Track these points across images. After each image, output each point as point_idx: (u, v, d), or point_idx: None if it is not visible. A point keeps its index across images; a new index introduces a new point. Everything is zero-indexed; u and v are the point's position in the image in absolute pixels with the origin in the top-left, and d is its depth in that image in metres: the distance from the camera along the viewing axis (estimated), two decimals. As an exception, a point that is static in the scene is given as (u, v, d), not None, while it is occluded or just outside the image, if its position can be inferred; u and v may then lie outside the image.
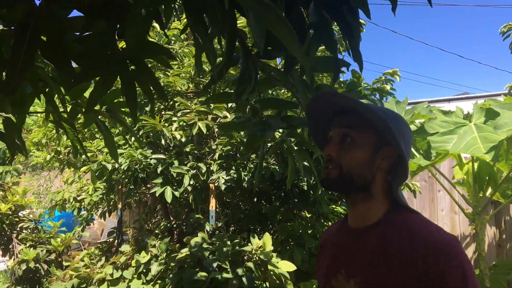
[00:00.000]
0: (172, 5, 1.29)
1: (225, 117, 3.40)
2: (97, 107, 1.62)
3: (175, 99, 3.46)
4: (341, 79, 3.73)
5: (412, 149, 3.21)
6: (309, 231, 3.74)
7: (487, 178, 2.85)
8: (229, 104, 3.36)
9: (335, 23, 1.20)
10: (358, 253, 1.08)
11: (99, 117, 1.59)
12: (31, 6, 1.10)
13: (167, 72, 3.57)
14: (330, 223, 3.92)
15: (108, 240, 4.49)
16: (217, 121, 3.55)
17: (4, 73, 1.34)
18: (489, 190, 3.03)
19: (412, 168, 3.03)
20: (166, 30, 3.74)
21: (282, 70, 1.52)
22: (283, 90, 3.37)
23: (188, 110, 3.34)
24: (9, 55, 1.15)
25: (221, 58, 1.67)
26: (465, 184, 3.24)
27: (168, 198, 3.31)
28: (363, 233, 1.09)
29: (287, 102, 1.70)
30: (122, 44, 1.31)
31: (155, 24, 3.54)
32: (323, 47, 2.93)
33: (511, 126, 2.29)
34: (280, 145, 1.80)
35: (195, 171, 3.38)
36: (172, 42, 3.73)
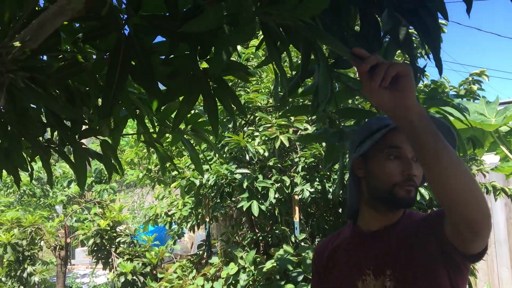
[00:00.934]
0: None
1: (306, 129, 3.42)
2: (182, 126, 1.72)
3: (256, 114, 3.55)
4: (422, 85, 3.62)
5: (505, 151, 3.01)
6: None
7: None
8: (310, 116, 3.38)
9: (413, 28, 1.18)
10: (382, 250, 1.16)
11: (185, 136, 1.68)
12: (121, 35, 1.21)
13: (247, 89, 3.68)
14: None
15: (198, 252, 4.66)
16: (298, 133, 3.58)
17: (100, 99, 1.47)
18: None
19: (505, 172, 2.84)
20: (245, 49, 3.85)
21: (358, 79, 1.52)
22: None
23: (269, 125, 3.41)
24: (104, 82, 1.27)
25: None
26: None
27: (255, 212, 3.39)
28: (383, 233, 1.18)
29: (365, 111, 1.69)
30: (203, 65, 1.39)
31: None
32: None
33: None
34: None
35: (279, 184, 3.43)
36: (251, 58, 3.84)
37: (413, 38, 2.63)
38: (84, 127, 1.61)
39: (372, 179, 1.17)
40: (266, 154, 3.44)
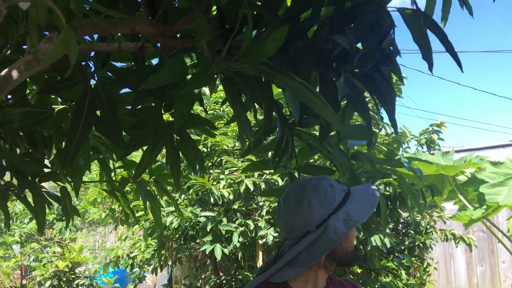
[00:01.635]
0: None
1: (271, 172, 3.46)
2: (146, 177, 1.73)
3: (222, 158, 3.57)
4: (383, 133, 3.74)
5: (463, 200, 3.12)
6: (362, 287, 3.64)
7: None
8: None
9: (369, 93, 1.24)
10: None
11: (147, 188, 1.69)
12: (87, 87, 1.23)
13: (214, 132, 3.71)
14: (382, 279, 3.81)
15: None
16: (263, 177, 3.61)
17: (63, 146, 1.47)
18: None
19: (463, 221, 2.93)
20: (213, 93, 3.90)
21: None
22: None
23: (235, 168, 3.44)
24: (67, 130, 1.28)
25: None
26: (523, 238, 3.09)
27: (218, 255, 3.36)
28: None
29: (324, 168, 1.74)
30: (167, 117, 1.42)
31: (204, 89, 3.72)
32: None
33: None
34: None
35: (243, 228, 3.43)
36: (220, 102, 3.89)
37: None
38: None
39: (347, 243, 1.20)
40: (231, 197, 3.45)
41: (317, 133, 1.37)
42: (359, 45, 1.21)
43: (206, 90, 3.80)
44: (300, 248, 1.14)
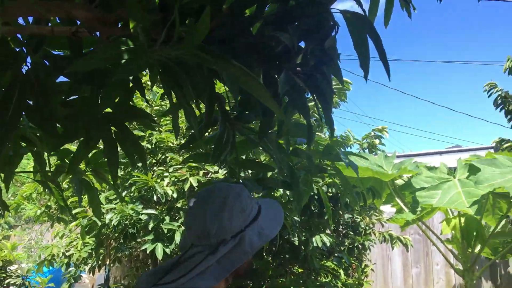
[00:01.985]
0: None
1: (216, 172, 3.44)
2: (83, 167, 1.67)
3: (167, 155, 3.51)
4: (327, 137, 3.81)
5: (400, 203, 3.23)
6: (301, 287, 3.69)
7: (474, 233, 2.86)
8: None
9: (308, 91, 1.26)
10: None
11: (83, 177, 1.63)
12: (18, 72, 1.17)
13: (160, 129, 3.65)
14: (321, 279, 3.88)
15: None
16: (208, 176, 3.58)
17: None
18: (478, 246, 3.03)
19: (400, 223, 3.04)
20: (154, 88, 3.84)
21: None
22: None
23: (179, 166, 3.39)
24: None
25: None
26: (454, 241, 3.24)
27: (159, 255, 3.29)
28: None
29: (263, 164, 1.75)
30: (108, 109, 1.37)
31: (150, 83, 3.65)
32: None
33: (491, 182, 2.33)
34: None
35: (185, 226, 3.38)
36: (166, 97, 3.83)
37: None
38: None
39: (250, 257, 1.13)
40: (175, 195, 3.39)
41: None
42: (302, 44, 1.23)
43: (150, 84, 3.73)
44: (215, 258, 1.06)
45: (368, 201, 3.41)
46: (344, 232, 4.23)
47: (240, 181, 1.48)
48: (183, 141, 3.61)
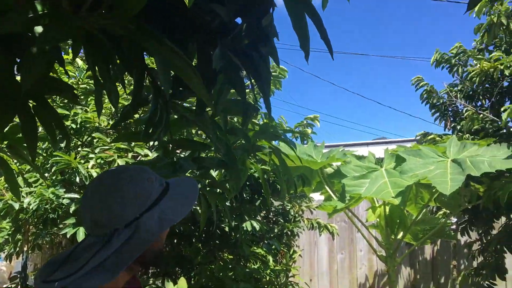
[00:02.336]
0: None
1: (146, 155, 3.31)
2: (-2, 143, 1.52)
3: (93, 135, 3.33)
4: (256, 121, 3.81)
5: (329, 191, 3.30)
6: (230, 274, 3.67)
7: (398, 221, 2.98)
8: (151, 142, 3.29)
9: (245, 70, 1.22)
10: None
11: (-2, 153, 1.49)
12: None
13: (86, 108, 3.45)
14: (250, 265, 3.89)
15: (10, 286, 4.13)
16: (138, 158, 3.45)
17: None
18: (401, 233, 3.17)
19: (328, 210, 3.10)
20: (81, 64, 3.64)
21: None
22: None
23: (107, 147, 3.23)
24: None
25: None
26: (378, 227, 3.37)
27: (80, 239, 3.13)
28: None
29: (199, 143, 1.69)
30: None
31: (78, 60, 3.45)
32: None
33: (415, 172, 2.43)
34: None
35: (111, 210, 3.24)
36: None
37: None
38: None
39: (157, 243, 1.08)
40: (101, 178, 3.23)
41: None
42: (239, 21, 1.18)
43: (78, 61, 3.52)
44: (110, 251, 0.97)
45: (298, 189, 3.45)
46: (274, 219, 4.27)
47: (174, 160, 1.41)
48: (111, 122, 3.45)
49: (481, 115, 3.36)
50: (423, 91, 4.56)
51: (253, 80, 1.18)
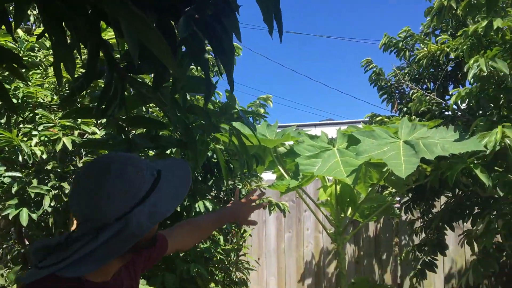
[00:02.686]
0: (25, 8, 1.16)
1: (94, 133, 3.18)
2: None
3: (36, 111, 3.16)
4: (216, 100, 3.76)
5: (282, 170, 3.32)
6: (180, 255, 3.64)
7: (348, 199, 3.05)
8: (100, 120, 3.16)
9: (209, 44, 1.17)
10: None
11: None
12: None
13: (28, 82, 3.26)
14: (200, 245, 3.87)
15: None
16: (85, 137, 3.31)
17: None
18: (349, 211, 3.25)
19: (280, 189, 3.11)
20: (29, 36, 3.43)
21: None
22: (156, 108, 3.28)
23: (51, 124, 3.07)
24: None
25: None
26: (328, 205, 3.43)
27: (24, 221, 2.98)
28: (117, 277, 1.14)
29: (157, 121, 1.63)
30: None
31: (19, 31, 3.23)
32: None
33: (369, 153, 2.48)
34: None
35: (57, 191, 3.10)
36: (36, 49, 3.43)
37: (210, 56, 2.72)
38: None
39: (150, 232, 1.07)
40: (45, 156, 3.08)
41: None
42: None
43: (19, 31, 3.31)
44: (98, 243, 0.97)
45: (252, 168, 3.44)
46: (225, 198, 4.26)
47: (130, 137, 1.35)
48: (56, 98, 3.28)
49: (428, 97, 3.48)
50: (372, 73, 4.66)
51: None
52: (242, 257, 4.67)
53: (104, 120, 3.12)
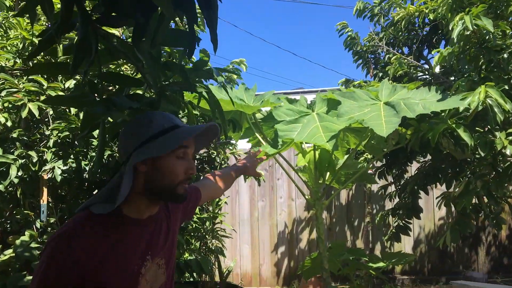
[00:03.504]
0: None
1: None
2: None
3: (-3, 76, 2.96)
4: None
5: (259, 137, 3.24)
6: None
7: (326, 165, 3.01)
8: (67, 85, 2.99)
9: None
10: (154, 235, 1.29)
11: None
12: None
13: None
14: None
15: None
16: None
17: None
18: (327, 177, 3.22)
19: (259, 156, 3.05)
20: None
21: (128, 41, 1.34)
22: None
23: (15, 90, 2.89)
24: None
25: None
26: (306, 171, 3.40)
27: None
28: (151, 221, 1.29)
29: (132, 78, 1.51)
30: None
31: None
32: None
33: (351, 114, 2.43)
34: (120, 127, 1.60)
35: (24, 160, 2.95)
36: (-5, 10, 3.20)
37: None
38: None
39: (157, 176, 1.21)
40: (9, 124, 2.92)
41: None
42: None
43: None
44: (117, 180, 1.21)
45: (228, 133, 3.35)
46: (199, 166, 4.18)
47: (104, 97, 1.24)
48: (19, 62, 3.08)
49: (406, 60, 3.44)
50: (347, 37, 4.59)
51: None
52: (218, 225, 4.64)
53: (72, 85, 2.96)
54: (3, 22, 3.09)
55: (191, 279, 4.16)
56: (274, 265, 6.48)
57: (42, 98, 2.92)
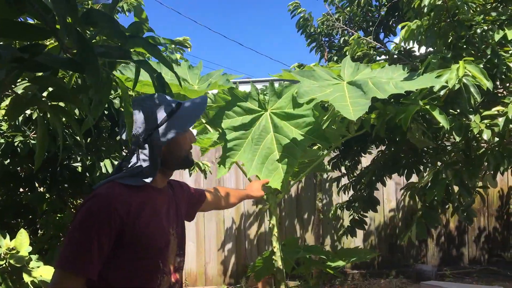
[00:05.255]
0: None
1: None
2: None
3: None
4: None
5: (204, 123, 2.86)
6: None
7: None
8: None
9: None
10: (171, 201, 1.52)
11: None
12: None
13: None
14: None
15: None
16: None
17: None
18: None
19: (204, 145, 2.68)
20: None
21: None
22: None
23: None
24: None
25: None
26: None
27: None
28: (166, 189, 1.51)
29: (35, 27, 1.08)
30: None
31: None
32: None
33: (311, 95, 2.07)
34: (29, 100, 1.20)
35: None
36: None
37: None
38: None
39: (175, 149, 1.42)
40: None
41: None
42: None
43: None
44: (138, 160, 1.37)
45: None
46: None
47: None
48: None
49: (365, 40, 3.17)
50: (300, 18, 4.27)
51: None
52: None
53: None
54: None
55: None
56: (220, 263, 6.12)
57: None
